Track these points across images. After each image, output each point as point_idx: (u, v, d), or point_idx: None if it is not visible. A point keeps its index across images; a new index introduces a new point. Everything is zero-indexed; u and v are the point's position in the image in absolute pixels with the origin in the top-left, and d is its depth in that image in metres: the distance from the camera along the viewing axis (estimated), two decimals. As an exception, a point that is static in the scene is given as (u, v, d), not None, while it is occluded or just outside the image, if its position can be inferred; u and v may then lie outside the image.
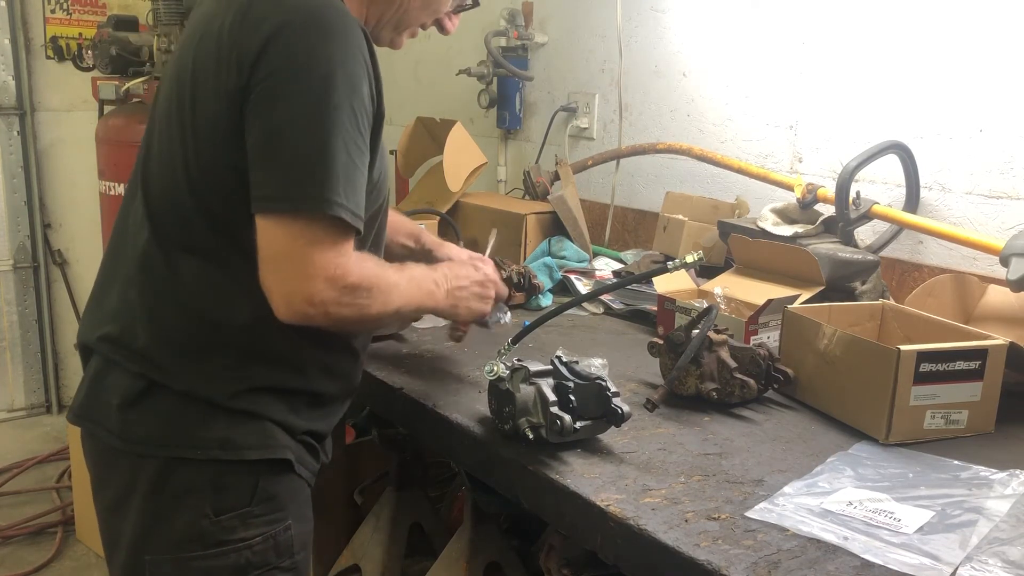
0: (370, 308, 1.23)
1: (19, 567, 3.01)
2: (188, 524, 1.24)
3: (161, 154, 1.28)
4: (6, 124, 4.05)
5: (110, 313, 1.29)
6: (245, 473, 1.25)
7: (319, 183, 1.14)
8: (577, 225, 2.39)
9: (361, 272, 1.21)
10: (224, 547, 1.25)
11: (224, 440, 1.23)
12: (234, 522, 1.25)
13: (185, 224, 1.24)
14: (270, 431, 1.27)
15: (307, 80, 1.14)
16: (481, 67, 3.00)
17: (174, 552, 1.25)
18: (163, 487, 1.24)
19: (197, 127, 1.21)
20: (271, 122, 1.15)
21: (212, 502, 1.24)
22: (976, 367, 1.40)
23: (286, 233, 1.16)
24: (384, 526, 2.16)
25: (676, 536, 1.06)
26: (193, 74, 1.23)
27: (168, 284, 1.25)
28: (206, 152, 1.21)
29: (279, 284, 1.17)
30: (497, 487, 1.36)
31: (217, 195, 1.22)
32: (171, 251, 1.25)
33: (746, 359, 1.50)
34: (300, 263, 1.16)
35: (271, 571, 1.29)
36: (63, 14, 4.13)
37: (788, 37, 2.26)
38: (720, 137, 2.44)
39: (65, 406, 4.30)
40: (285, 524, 1.30)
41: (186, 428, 1.23)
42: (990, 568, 1.02)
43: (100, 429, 1.28)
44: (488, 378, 1.34)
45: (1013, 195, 1.87)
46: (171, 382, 1.23)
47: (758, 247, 1.90)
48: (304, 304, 1.17)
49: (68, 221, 4.26)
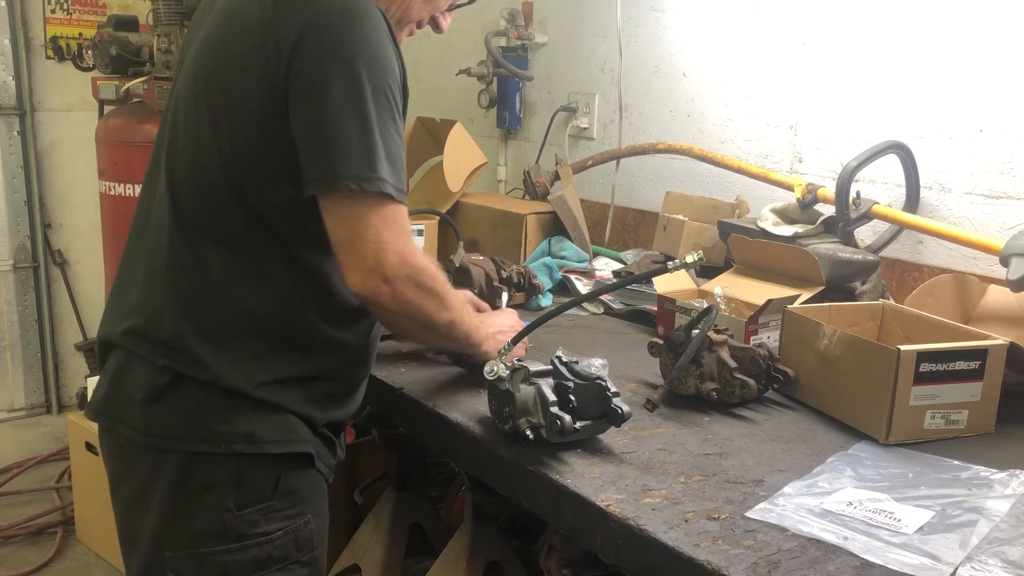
0: (428, 303, 1.28)
1: (19, 567, 3.01)
2: (210, 518, 1.25)
3: (189, 142, 1.28)
4: (6, 124, 4.05)
5: (133, 306, 1.31)
6: (267, 467, 1.27)
7: (371, 164, 1.19)
8: (577, 225, 2.39)
9: (424, 258, 1.27)
10: (246, 541, 1.26)
11: (248, 434, 1.25)
12: (256, 516, 1.26)
13: (215, 211, 1.25)
14: (292, 425, 1.28)
15: (348, 66, 1.18)
16: (481, 67, 3.00)
17: (195, 547, 1.26)
18: (185, 481, 1.25)
19: (232, 115, 1.23)
20: (318, 108, 1.19)
21: (235, 496, 1.25)
22: (976, 367, 1.40)
23: (352, 211, 1.20)
24: (384, 526, 2.16)
25: (676, 536, 1.06)
26: (225, 64, 1.25)
27: (195, 274, 1.26)
28: (242, 137, 1.23)
29: (354, 259, 1.21)
30: (497, 487, 1.36)
31: (252, 180, 1.24)
32: (198, 240, 1.26)
33: (746, 359, 1.50)
34: (371, 238, 1.20)
35: (290, 565, 1.30)
36: (63, 14, 4.13)
37: (788, 37, 2.26)
38: (720, 137, 2.44)
39: (65, 406, 4.30)
40: (306, 518, 1.31)
41: (210, 422, 1.24)
42: (990, 568, 1.02)
43: (121, 424, 1.29)
44: (488, 378, 1.34)
45: (1013, 195, 1.87)
46: (197, 372, 1.24)
47: (758, 247, 1.90)
48: (378, 278, 1.21)
49: (68, 221, 4.26)
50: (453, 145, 2.52)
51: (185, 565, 1.27)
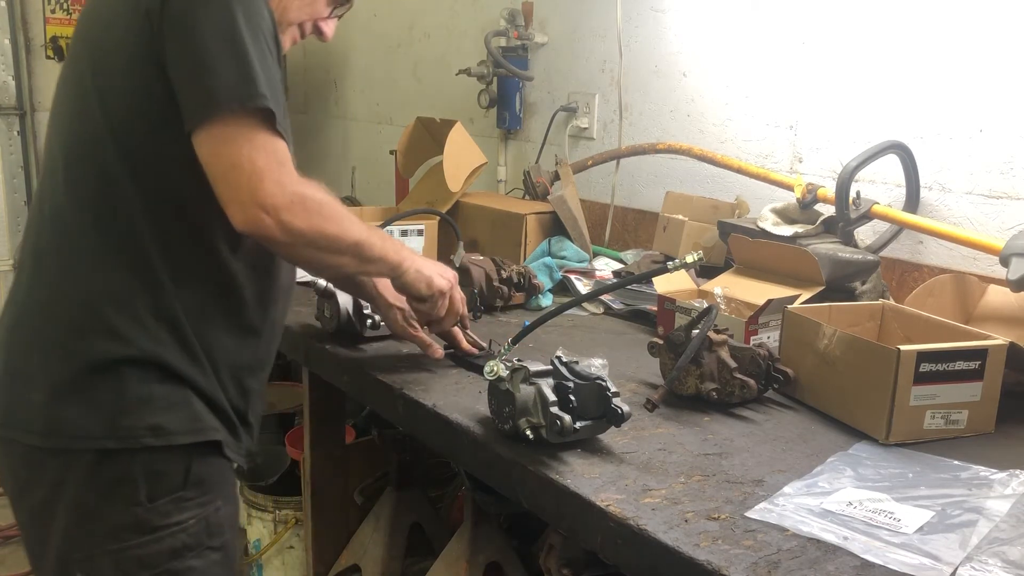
0: (325, 226, 1.26)
1: (19, 567, 3.01)
2: (122, 513, 1.25)
3: (72, 116, 1.28)
4: (6, 124, 4.05)
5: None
6: (177, 458, 1.28)
7: (243, 81, 1.18)
8: (577, 225, 2.39)
9: (307, 185, 1.24)
10: (160, 532, 1.27)
11: (155, 427, 1.25)
12: (168, 507, 1.27)
13: (106, 181, 1.25)
14: (198, 413, 1.29)
15: (220, 3, 1.18)
16: (481, 67, 2.99)
17: (109, 543, 1.26)
18: (96, 479, 1.24)
19: (112, 77, 1.24)
20: (191, 41, 1.18)
21: (146, 489, 1.25)
22: (976, 367, 1.40)
23: (223, 139, 1.19)
24: (384, 526, 2.16)
25: (676, 536, 1.06)
26: (103, 27, 1.25)
27: (95, 249, 1.25)
28: (123, 98, 1.23)
29: (231, 193, 1.19)
30: (497, 487, 1.36)
31: (139, 135, 1.23)
32: (95, 215, 1.25)
33: (746, 359, 1.50)
34: (246, 168, 1.18)
35: (204, 551, 1.32)
36: (63, 14, 4.13)
37: (788, 37, 2.26)
38: (720, 137, 2.44)
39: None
40: (215, 505, 1.33)
41: (117, 417, 1.24)
42: (990, 568, 1.02)
43: (20, 432, 1.27)
44: (488, 378, 1.34)
45: (1013, 195, 1.87)
46: (107, 351, 1.23)
47: (758, 247, 1.90)
48: (257, 209, 1.19)
49: (68, 221, 4.26)
50: (453, 145, 2.52)
51: (100, 564, 1.26)
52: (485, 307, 2.00)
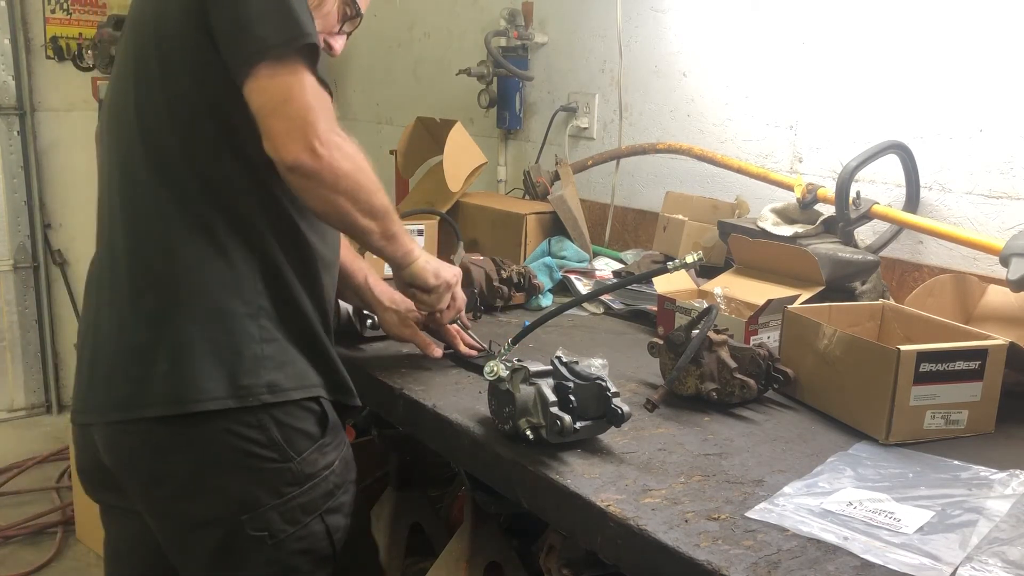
0: (363, 177, 1.29)
1: (19, 567, 3.02)
2: (280, 472, 1.32)
3: (148, 97, 1.31)
4: (6, 124, 4.05)
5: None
6: (312, 409, 1.37)
7: (286, 22, 1.20)
8: (577, 225, 2.39)
9: (348, 139, 1.27)
10: (315, 478, 1.36)
11: (272, 384, 1.30)
12: (315, 455, 1.36)
13: (209, 152, 1.29)
14: (303, 370, 1.37)
15: None
16: (481, 67, 2.99)
17: (275, 498, 1.32)
18: (239, 441, 1.29)
19: (173, 57, 1.28)
20: (229, 6, 1.22)
21: (293, 444, 1.33)
22: (976, 367, 1.40)
23: (272, 75, 1.20)
24: (384, 526, 2.16)
25: (676, 536, 1.06)
26: (155, 12, 1.30)
27: (198, 213, 1.30)
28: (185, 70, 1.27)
29: (284, 124, 1.21)
30: (497, 487, 1.36)
31: (214, 98, 1.27)
32: (184, 190, 1.29)
33: (746, 359, 1.50)
34: (298, 100, 1.21)
35: (347, 486, 1.44)
36: (63, 14, 4.13)
37: (788, 37, 2.26)
38: (720, 137, 2.44)
39: (65, 406, 4.29)
40: (346, 445, 1.46)
41: (238, 377, 1.28)
42: (990, 568, 1.02)
43: (146, 408, 1.29)
44: (488, 378, 1.34)
45: (1013, 195, 1.87)
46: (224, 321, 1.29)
47: (758, 247, 1.90)
48: (311, 139, 1.20)
49: (68, 221, 4.26)
50: (453, 145, 2.52)
51: (270, 517, 1.32)
52: (485, 307, 2.00)
